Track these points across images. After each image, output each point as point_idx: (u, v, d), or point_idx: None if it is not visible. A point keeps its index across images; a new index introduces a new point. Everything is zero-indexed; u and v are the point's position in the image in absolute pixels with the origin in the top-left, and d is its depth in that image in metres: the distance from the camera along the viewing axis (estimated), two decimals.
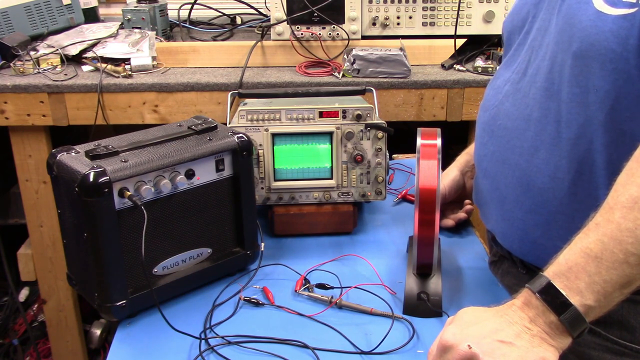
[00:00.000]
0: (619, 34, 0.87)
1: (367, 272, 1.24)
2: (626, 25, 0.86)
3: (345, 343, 1.05)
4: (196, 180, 1.14)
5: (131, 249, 1.07)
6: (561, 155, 0.96)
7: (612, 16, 0.88)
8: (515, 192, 1.04)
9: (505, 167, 1.05)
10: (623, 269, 0.78)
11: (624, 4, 0.87)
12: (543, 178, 0.99)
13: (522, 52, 1.07)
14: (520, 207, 1.03)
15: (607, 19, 0.88)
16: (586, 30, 0.90)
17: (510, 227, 1.07)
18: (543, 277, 0.82)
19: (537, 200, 1.00)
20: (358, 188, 1.36)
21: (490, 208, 1.13)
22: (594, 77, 0.90)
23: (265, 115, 1.32)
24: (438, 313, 1.10)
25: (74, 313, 2.18)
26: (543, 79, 0.99)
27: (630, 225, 0.78)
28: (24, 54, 1.96)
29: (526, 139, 1.01)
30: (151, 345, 1.05)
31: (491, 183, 1.10)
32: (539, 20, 1.04)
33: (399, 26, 2.03)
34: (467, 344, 0.81)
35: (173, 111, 1.90)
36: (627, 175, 0.81)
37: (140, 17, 2.13)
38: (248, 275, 1.23)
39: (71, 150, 1.09)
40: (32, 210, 2.02)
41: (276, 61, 2.01)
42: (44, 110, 1.88)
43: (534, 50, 1.03)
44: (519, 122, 1.02)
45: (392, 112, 1.90)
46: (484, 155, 1.12)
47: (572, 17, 0.93)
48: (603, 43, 0.88)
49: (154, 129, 1.19)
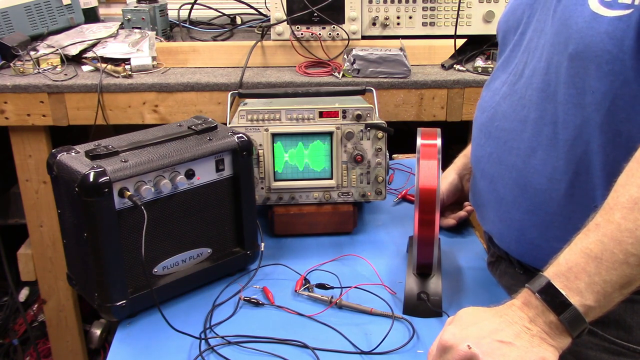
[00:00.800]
0: (614, 35, 0.87)
1: (367, 272, 1.24)
2: (622, 26, 0.86)
3: (345, 343, 1.05)
4: (196, 180, 1.14)
5: (131, 249, 1.07)
6: (558, 157, 0.96)
7: (607, 17, 0.88)
8: (512, 193, 1.04)
9: (502, 168, 1.05)
10: (623, 269, 0.78)
11: (620, 5, 0.87)
12: (540, 179, 0.99)
13: (518, 53, 1.07)
14: (518, 208, 1.03)
15: (602, 21, 0.88)
16: (582, 32, 0.90)
17: (508, 228, 1.07)
18: (543, 277, 0.83)
19: (534, 201, 1.00)
20: (358, 188, 1.37)
21: (487, 209, 1.13)
22: (590, 78, 0.90)
23: (265, 115, 1.32)
24: (438, 313, 1.10)
25: (74, 313, 2.18)
26: (539, 80, 0.99)
27: (630, 226, 0.78)
28: (24, 54, 1.96)
29: (523, 140, 1.01)
30: (151, 345, 1.05)
31: (488, 184, 1.10)
32: (535, 21, 1.04)
33: (399, 26, 2.03)
34: (466, 344, 0.81)
35: (173, 111, 1.90)
36: (627, 175, 0.81)
37: (140, 17, 2.13)
38: (248, 275, 1.23)
39: (71, 150, 1.09)
40: (32, 210, 2.02)
41: (276, 61, 2.01)
42: (44, 110, 1.88)
43: (530, 51, 1.03)
44: (516, 123, 1.02)
45: (392, 112, 1.90)
46: (481, 157, 1.12)
47: (567, 18, 0.93)
48: (599, 44, 0.88)
49: (154, 129, 1.19)
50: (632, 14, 0.86)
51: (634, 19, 0.86)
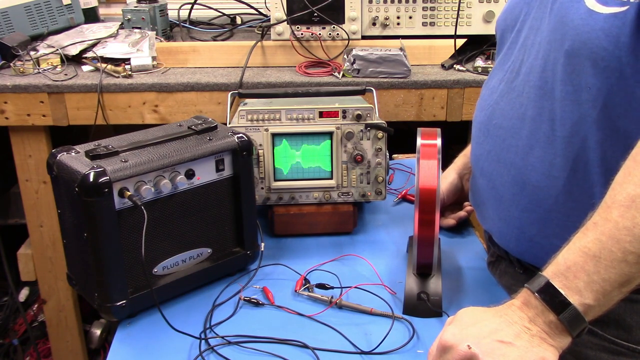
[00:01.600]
0: (610, 32, 0.87)
1: (367, 272, 1.24)
2: (617, 23, 0.87)
3: (345, 343, 1.05)
4: (196, 180, 1.14)
5: (131, 249, 1.07)
6: (556, 153, 0.97)
7: (603, 14, 0.88)
8: (511, 191, 1.04)
9: (501, 166, 1.05)
10: (622, 267, 0.78)
11: (615, 2, 0.87)
12: (538, 176, 0.99)
13: (515, 51, 1.07)
14: (517, 205, 1.03)
15: (598, 18, 0.88)
16: (578, 29, 0.90)
17: (507, 226, 1.07)
18: (542, 277, 0.83)
19: (532, 199, 1.01)
20: (358, 188, 1.37)
21: (487, 208, 1.13)
22: (586, 75, 0.91)
23: (265, 115, 1.32)
24: (438, 313, 1.10)
25: (74, 313, 2.18)
26: (536, 77, 0.99)
27: (628, 224, 0.78)
28: (24, 54, 1.96)
29: (521, 138, 1.01)
30: (151, 345, 1.05)
31: (487, 182, 1.10)
32: (531, 18, 1.04)
33: (399, 26, 2.03)
34: (466, 344, 0.81)
35: (173, 111, 1.90)
36: (624, 174, 0.81)
37: (140, 17, 2.13)
38: (248, 275, 1.23)
39: (71, 150, 1.09)
40: (32, 210, 2.02)
41: (276, 61, 2.01)
42: (44, 110, 1.88)
43: (526, 49, 1.03)
44: (514, 121, 1.03)
45: (392, 112, 1.90)
46: (480, 155, 1.12)
47: (564, 15, 0.93)
48: (595, 41, 0.88)
49: (154, 129, 1.19)
50: (627, 11, 0.86)
51: (629, 15, 0.86)
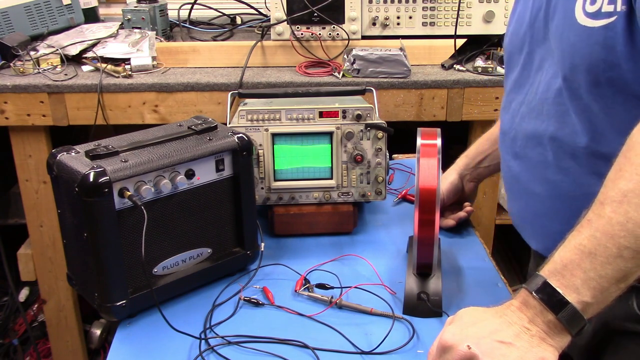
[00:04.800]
0: (605, 44, 0.89)
1: (367, 272, 1.24)
2: (610, 34, 0.88)
3: (345, 343, 1.05)
4: (196, 180, 1.14)
5: (131, 249, 1.07)
6: (581, 164, 0.98)
7: (595, 28, 0.90)
8: (547, 206, 1.05)
9: (535, 185, 1.07)
10: (617, 263, 0.79)
11: (603, 14, 0.89)
12: (571, 187, 1.01)
13: (531, 72, 1.09)
14: (558, 220, 1.04)
15: (592, 32, 0.90)
16: (575, 46, 0.93)
17: (553, 242, 1.08)
18: (539, 277, 0.83)
19: (571, 209, 1.01)
20: (358, 188, 1.37)
21: (528, 229, 1.14)
22: (593, 87, 0.93)
23: (265, 115, 1.32)
24: (438, 313, 1.10)
25: (74, 313, 2.18)
26: (553, 95, 1.01)
27: (621, 219, 0.78)
28: (24, 54, 1.96)
29: (547, 154, 1.03)
30: (151, 345, 1.05)
31: (525, 204, 1.11)
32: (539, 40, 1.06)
33: (399, 26, 2.03)
34: (466, 345, 0.81)
35: (173, 111, 1.90)
36: (615, 170, 0.82)
37: (140, 17, 2.13)
38: (248, 275, 1.23)
39: (71, 150, 1.09)
40: (32, 210, 2.02)
41: (276, 61, 2.01)
42: (44, 110, 1.88)
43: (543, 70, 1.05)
44: (538, 139, 1.04)
45: (392, 112, 1.90)
46: (511, 177, 1.13)
47: (560, 34, 0.96)
48: (594, 55, 0.90)
49: (154, 129, 1.19)
50: (616, 21, 0.88)
51: (619, 25, 0.88)
